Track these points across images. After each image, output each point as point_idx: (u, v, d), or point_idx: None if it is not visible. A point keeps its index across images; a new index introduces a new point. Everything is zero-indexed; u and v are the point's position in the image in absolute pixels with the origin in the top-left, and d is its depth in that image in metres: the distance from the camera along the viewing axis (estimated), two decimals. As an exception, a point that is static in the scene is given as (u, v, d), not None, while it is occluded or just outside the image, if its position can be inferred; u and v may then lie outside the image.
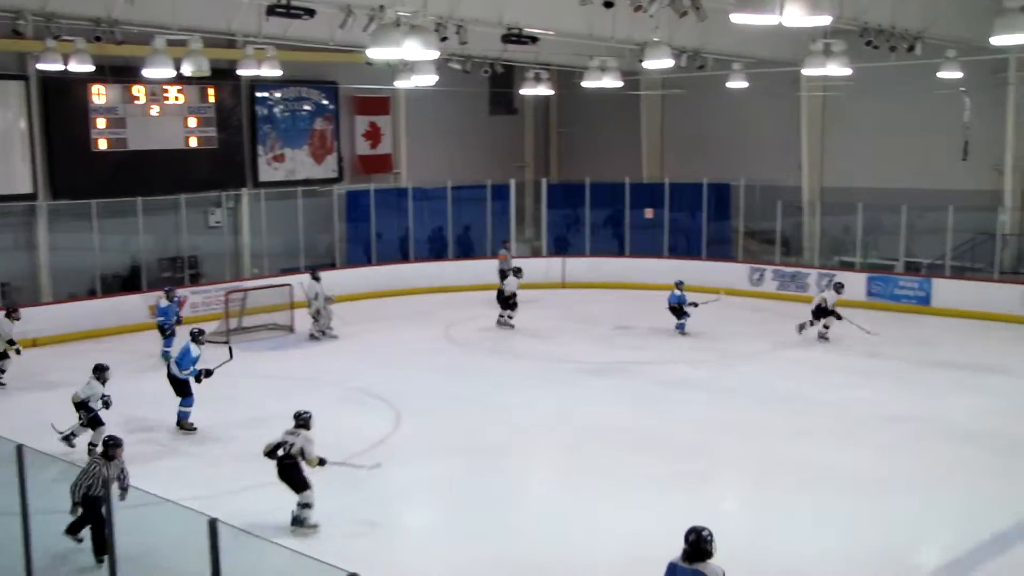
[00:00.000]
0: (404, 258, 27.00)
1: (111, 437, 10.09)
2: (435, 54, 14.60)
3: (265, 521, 10.17)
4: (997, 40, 13.69)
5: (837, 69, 19.33)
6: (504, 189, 27.54)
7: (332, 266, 26.01)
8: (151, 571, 7.18)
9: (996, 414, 15.09)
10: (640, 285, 25.65)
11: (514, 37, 19.83)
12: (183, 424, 14.52)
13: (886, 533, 10.72)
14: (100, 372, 13.52)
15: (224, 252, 25.35)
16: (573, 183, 28.14)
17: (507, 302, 21.47)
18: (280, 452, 10.75)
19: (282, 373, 18.17)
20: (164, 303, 19.37)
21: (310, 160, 27.16)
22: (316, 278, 20.99)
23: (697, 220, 26.62)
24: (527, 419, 14.96)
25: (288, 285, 21.72)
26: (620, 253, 27.14)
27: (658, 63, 18.18)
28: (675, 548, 7.01)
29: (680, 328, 20.63)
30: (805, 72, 20.47)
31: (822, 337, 19.72)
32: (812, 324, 19.74)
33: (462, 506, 11.68)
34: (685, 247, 26.91)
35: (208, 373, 14.52)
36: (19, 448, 7.24)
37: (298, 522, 10.70)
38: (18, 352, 17.35)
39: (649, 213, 27.11)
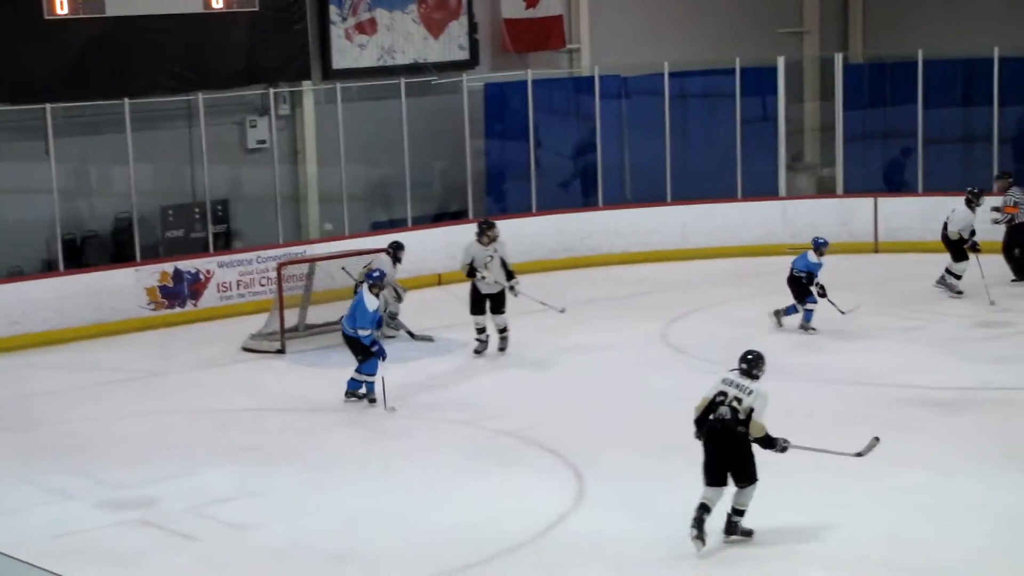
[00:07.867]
0: (587, 202, 27.13)
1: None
2: None
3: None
4: None
5: None
6: (765, 75, 27.67)
7: (463, 216, 26.49)
8: None
9: None
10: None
11: None
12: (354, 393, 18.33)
13: None
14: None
15: (274, 194, 25.61)
16: (891, 60, 28.49)
17: None
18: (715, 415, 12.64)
19: (375, 406, 18.31)
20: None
21: (420, 30, 27.68)
22: (397, 257, 21.58)
23: None
24: (822, 489, 14.17)
25: (392, 249, 21.63)
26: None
27: None
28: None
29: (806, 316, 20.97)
30: None
31: None
32: None
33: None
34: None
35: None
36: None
37: (733, 529, 12.80)
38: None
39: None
